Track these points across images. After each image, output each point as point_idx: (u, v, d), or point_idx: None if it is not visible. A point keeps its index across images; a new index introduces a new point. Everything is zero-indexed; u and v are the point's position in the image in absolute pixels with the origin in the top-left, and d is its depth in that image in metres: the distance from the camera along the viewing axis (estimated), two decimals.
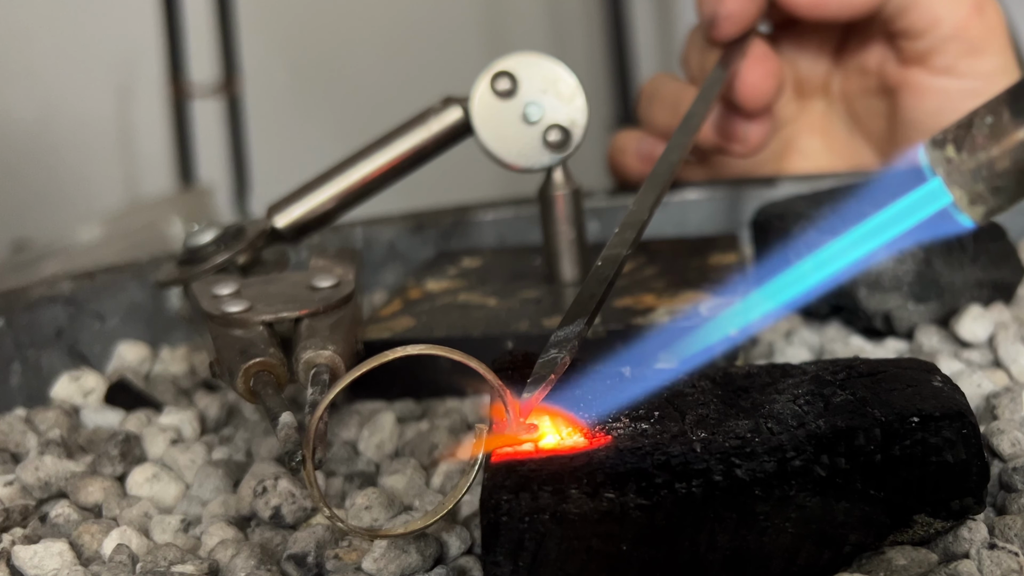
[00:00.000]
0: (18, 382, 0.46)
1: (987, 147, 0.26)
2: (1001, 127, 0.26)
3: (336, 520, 0.29)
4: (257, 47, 1.43)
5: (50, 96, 1.32)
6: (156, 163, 1.39)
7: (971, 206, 0.26)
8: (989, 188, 0.26)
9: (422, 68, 1.68)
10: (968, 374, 0.38)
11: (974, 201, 0.26)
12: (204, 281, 0.40)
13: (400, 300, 0.47)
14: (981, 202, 0.26)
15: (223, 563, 0.31)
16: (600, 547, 0.26)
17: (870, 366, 0.31)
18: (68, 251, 0.96)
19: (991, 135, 0.26)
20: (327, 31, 1.64)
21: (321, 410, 0.29)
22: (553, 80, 0.43)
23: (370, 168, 0.44)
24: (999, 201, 0.26)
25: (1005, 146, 0.26)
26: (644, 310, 0.42)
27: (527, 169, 0.44)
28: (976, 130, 0.26)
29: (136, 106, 1.42)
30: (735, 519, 0.27)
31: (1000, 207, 0.26)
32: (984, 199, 0.26)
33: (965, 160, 0.26)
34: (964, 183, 0.26)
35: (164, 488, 0.37)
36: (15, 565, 0.32)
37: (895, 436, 0.28)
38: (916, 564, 0.28)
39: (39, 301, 0.48)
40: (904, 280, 0.43)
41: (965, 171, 0.26)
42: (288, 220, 0.45)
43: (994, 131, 0.26)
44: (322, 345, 0.35)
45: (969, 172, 0.26)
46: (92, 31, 1.36)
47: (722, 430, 0.29)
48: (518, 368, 0.32)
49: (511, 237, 0.58)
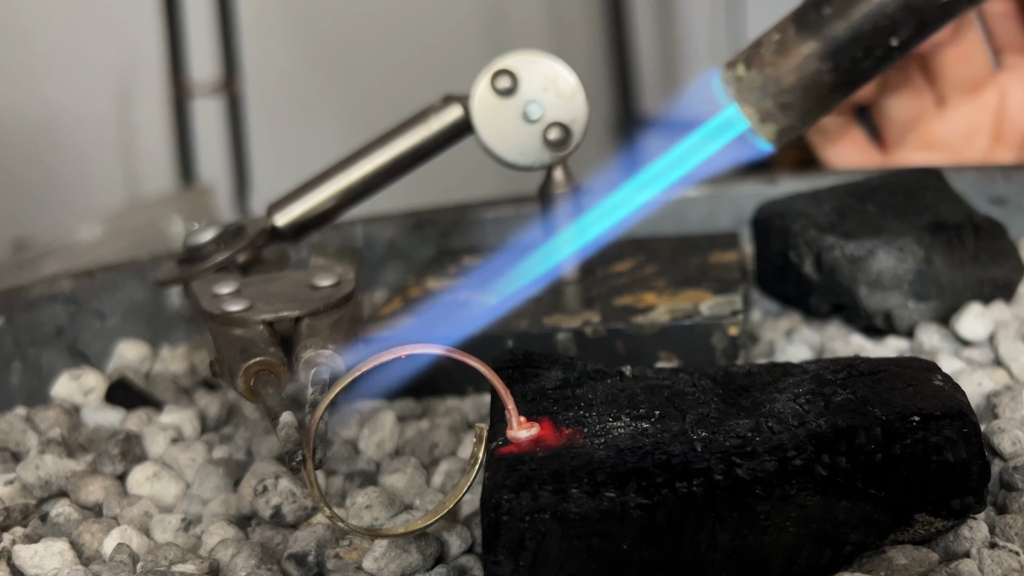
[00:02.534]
0: (18, 381, 0.46)
1: (774, 63, 0.26)
2: (787, 43, 0.26)
3: (336, 520, 0.29)
4: (258, 46, 1.43)
5: (50, 96, 1.32)
6: (156, 162, 1.39)
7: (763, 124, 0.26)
8: (777, 104, 0.26)
9: (422, 67, 1.68)
10: (969, 373, 0.38)
11: (765, 119, 0.26)
12: (204, 280, 0.40)
13: (400, 298, 0.47)
14: (772, 120, 0.27)
15: (224, 562, 0.31)
16: (601, 546, 0.26)
17: (871, 365, 0.31)
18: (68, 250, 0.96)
19: (778, 51, 0.26)
20: (328, 30, 1.64)
21: (321, 410, 0.29)
22: (553, 78, 0.43)
23: (370, 166, 0.44)
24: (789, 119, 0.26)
25: (791, 61, 0.26)
26: (644, 308, 0.42)
27: (527, 167, 0.44)
28: (764, 48, 0.26)
29: (136, 105, 1.41)
30: (736, 518, 0.27)
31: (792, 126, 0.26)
32: (774, 116, 0.26)
33: (754, 77, 0.26)
34: (753, 100, 0.27)
35: (164, 487, 0.37)
36: (15, 564, 0.32)
37: (896, 435, 0.28)
38: (917, 563, 0.28)
39: (39, 300, 0.48)
40: (905, 279, 0.43)
41: (754, 88, 0.26)
42: (288, 219, 0.44)
43: (780, 47, 0.26)
44: (322, 344, 0.35)
45: (758, 89, 0.26)
46: (92, 31, 1.36)
47: (723, 429, 0.29)
48: (518, 367, 0.32)
49: (511, 236, 0.58)
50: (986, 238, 0.44)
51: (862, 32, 0.25)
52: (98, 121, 1.38)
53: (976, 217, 0.45)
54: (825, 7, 0.26)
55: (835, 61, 0.26)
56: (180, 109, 1.29)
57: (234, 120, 1.33)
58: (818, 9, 0.26)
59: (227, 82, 1.30)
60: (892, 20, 0.25)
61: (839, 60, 0.26)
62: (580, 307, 0.43)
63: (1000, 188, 0.54)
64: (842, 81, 0.26)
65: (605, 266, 0.48)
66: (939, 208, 0.45)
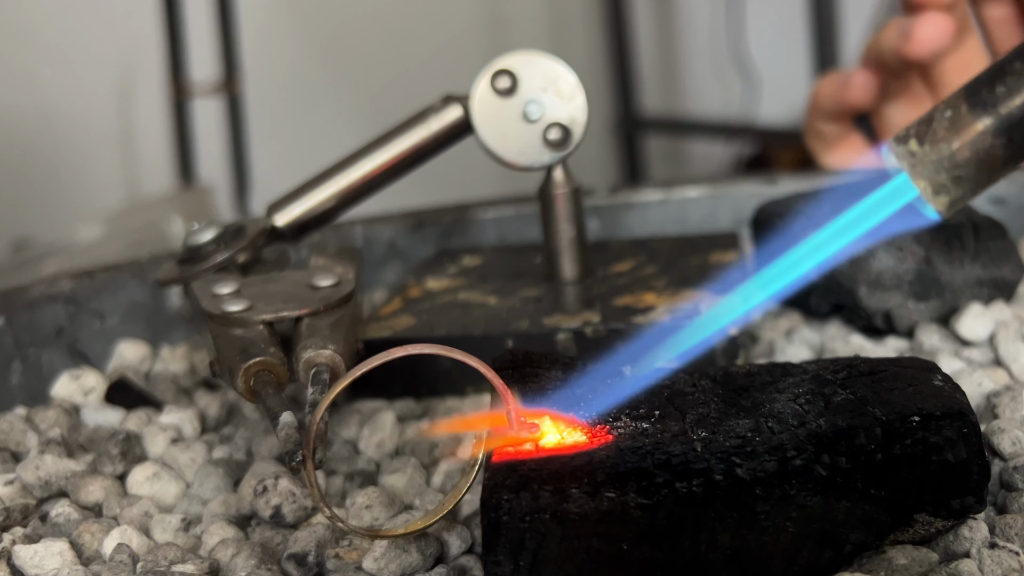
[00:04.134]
0: (18, 381, 0.46)
1: (948, 139, 0.27)
2: (960, 120, 0.27)
3: (336, 520, 0.29)
4: (258, 46, 1.43)
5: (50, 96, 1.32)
6: (156, 162, 1.39)
7: (935, 196, 0.27)
8: (951, 178, 0.27)
9: (422, 67, 1.68)
10: (969, 373, 0.38)
11: (938, 191, 0.27)
12: (204, 280, 0.40)
13: (400, 299, 0.47)
14: (944, 192, 0.27)
15: (223, 562, 0.31)
16: (601, 546, 0.26)
17: (871, 365, 0.31)
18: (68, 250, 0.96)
19: (951, 128, 0.27)
20: (328, 31, 1.64)
21: (321, 410, 0.29)
22: (553, 78, 0.43)
23: (370, 167, 0.44)
24: (961, 191, 0.27)
25: (964, 137, 0.27)
26: (644, 308, 0.42)
27: (527, 167, 0.44)
28: (937, 124, 0.27)
29: (136, 105, 1.42)
30: (736, 518, 0.27)
31: (963, 196, 0.28)
32: (947, 189, 0.27)
33: (928, 153, 0.27)
34: (928, 175, 0.27)
35: (164, 487, 0.37)
36: (15, 564, 0.32)
37: (896, 435, 0.28)
38: (917, 563, 0.28)
39: (39, 300, 0.48)
40: (905, 279, 0.43)
41: (928, 163, 0.27)
42: (288, 219, 0.44)
43: (953, 124, 0.27)
44: (322, 344, 0.35)
45: (932, 164, 0.27)
46: (92, 31, 1.36)
47: (723, 429, 0.29)
48: (518, 367, 0.32)
49: (511, 235, 0.58)
50: (986, 238, 0.44)
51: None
52: (98, 121, 1.38)
53: (976, 217, 0.45)
54: (998, 86, 0.27)
55: (1009, 136, 0.27)
56: (180, 109, 1.29)
57: (234, 120, 1.33)
58: (991, 87, 0.27)
59: (227, 82, 1.30)
60: None
61: (1013, 135, 0.27)
62: (580, 307, 0.43)
63: (1000, 188, 0.54)
64: (1014, 155, 0.27)
65: (605, 266, 0.48)
66: None
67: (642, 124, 1.98)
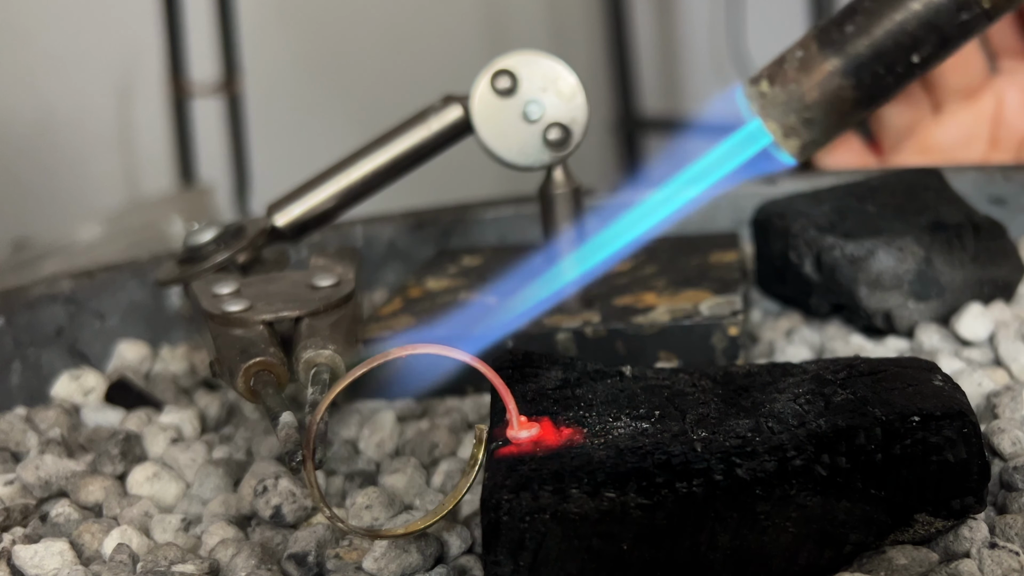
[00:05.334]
0: (18, 381, 0.46)
1: (797, 79, 0.27)
2: (810, 60, 0.27)
3: (336, 520, 0.29)
4: (258, 46, 1.43)
5: (50, 96, 1.32)
6: (156, 162, 1.39)
7: (786, 139, 0.27)
8: (801, 120, 0.27)
9: (422, 67, 1.68)
10: (969, 373, 0.38)
11: (788, 134, 0.27)
12: (204, 280, 0.40)
13: (400, 299, 0.47)
14: (795, 135, 0.27)
15: (224, 562, 0.31)
16: (601, 547, 0.26)
17: (871, 365, 0.31)
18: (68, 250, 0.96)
19: (801, 68, 0.27)
20: (328, 30, 1.64)
21: (321, 410, 0.29)
22: (553, 78, 0.43)
23: (370, 167, 0.44)
24: (812, 134, 0.27)
25: (814, 78, 0.27)
26: (644, 308, 0.42)
27: (527, 167, 0.44)
28: (788, 64, 0.27)
29: (136, 105, 1.41)
30: (736, 519, 0.27)
31: (814, 141, 0.27)
32: (797, 131, 0.27)
33: (778, 93, 0.27)
34: (777, 116, 0.27)
35: (164, 487, 0.37)
36: (15, 564, 0.32)
37: (896, 435, 0.28)
38: (917, 563, 0.28)
39: (39, 300, 0.48)
40: (904, 278, 0.43)
41: (778, 104, 0.27)
42: (288, 219, 0.44)
43: (803, 64, 0.27)
44: (322, 344, 0.35)
45: (782, 104, 0.27)
46: (92, 31, 1.36)
47: (723, 429, 0.29)
48: (518, 367, 0.32)
49: (511, 236, 0.58)
50: (986, 238, 0.44)
51: (884, 49, 0.26)
52: (98, 121, 1.38)
53: (976, 217, 0.45)
54: (847, 25, 0.26)
55: (857, 78, 0.26)
56: (180, 109, 1.29)
57: (234, 120, 1.33)
58: (840, 27, 0.26)
59: (227, 82, 1.30)
60: (913, 38, 0.26)
61: (861, 77, 0.26)
62: (580, 307, 0.43)
63: (1000, 188, 0.54)
64: (864, 97, 0.27)
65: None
66: (939, 208, 0.45)
67: (642, 124, 1.98)
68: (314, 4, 1.62)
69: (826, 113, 0.27)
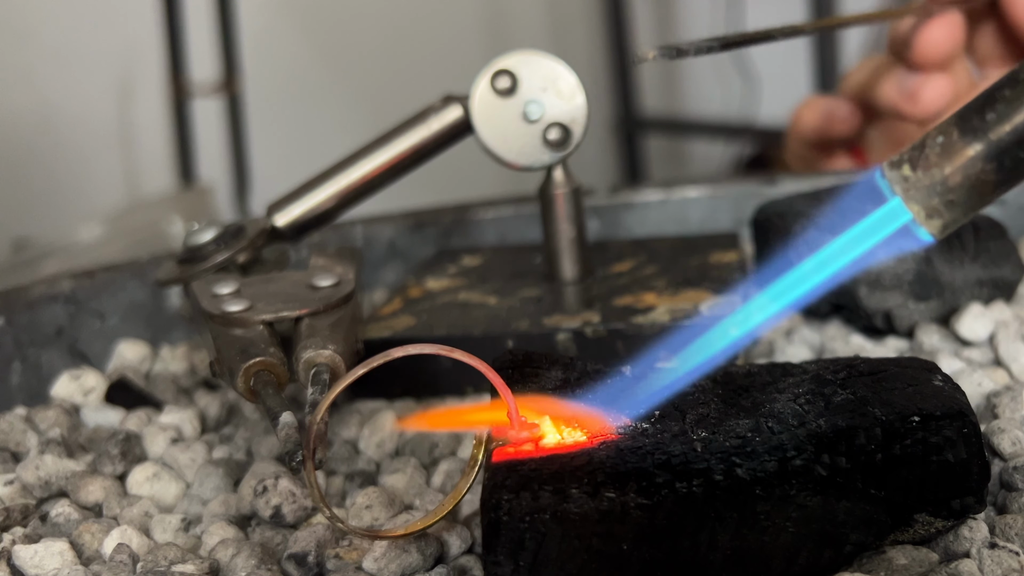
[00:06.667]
0: (18, 381, 0.46)
1: (940, 164, 0.28)
2: (951, 146, 0.28)
3: (336, 521, 0.29)
4: (258, 46, 1.43)
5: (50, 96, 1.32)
6: (156, 162, 1.39)
7: (928, 220, 0.29)
8: (944, 202, 0.28)
9: (422, 67, 1.68)
10: (969, 373, 0.38)
11: (931, 215, 0.29)
12: (204, 280, 0.40)
13: (400, 299, 0.47)
14: (938, 215, 0.29)
15: (224, 562, 0.31)
16: (601, 547, 0.26)
17: (871, 365, 0.31)
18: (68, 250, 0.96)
19: (943, 153, 0.28)
20: (328, 30, 1.64)
21: (322, 410, 0.29)
22: (553, 78, 0.43)
23: (370, 167, 0.44)
24: (954, 214, 0.29)
25: (956, 163, 0.28)
26: (645, 309, 0.42)
27: (527, 167, 0.44)
28: (929, 150, 0.28)
29: (136, 105, 1.41)
30: (736, 518, 0.27)
31: (955, 220, 0.29)
32: (940, 212, 0.29)
33: (921, 178, 0.28)
34: (921, 199, 0.29)
35: (164, 487, 0.37)
36: (15, 564, 0.32)
37: (896, 435, 0.28)
38: (917, 563, 0.28)
39: (39, 300, 0.48)
40: (904, 279, 0.43)
41: (921, 188, 0.28)
42: (288, 219, 0.44)
43: (945, 150, 0.28)
44: (322, 344, 0.35)
45: (925, 188, 0.28)
46: (92, 31, 1.36)
47: (723, 429, 0.29)
48: (518, 367, 0.32)
49: (511, 235, 0.58)
50: (986, 238, 0.44)
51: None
52: (98, 121, 1.38)
53: (976, 217, 0.45)
54: (988, 112, 0.28)
55: (999, 161, 0.28)
56: (180, 109, 1.29)
57: (234, 120, 1.33)
58: (982, 114, 0.28)
59: (227, 82, 1.30)
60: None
61: (1003, 160, 0.28)
62: (580, 307, 0.43)
63: None
64: (1005, 179, 0.29)
65: (605, 266, 0.48)
66: None
67: (642, 124, 1.98)
68: (314, 4, 1.62)
69: (968, 195, 0.29)
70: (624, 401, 0.30)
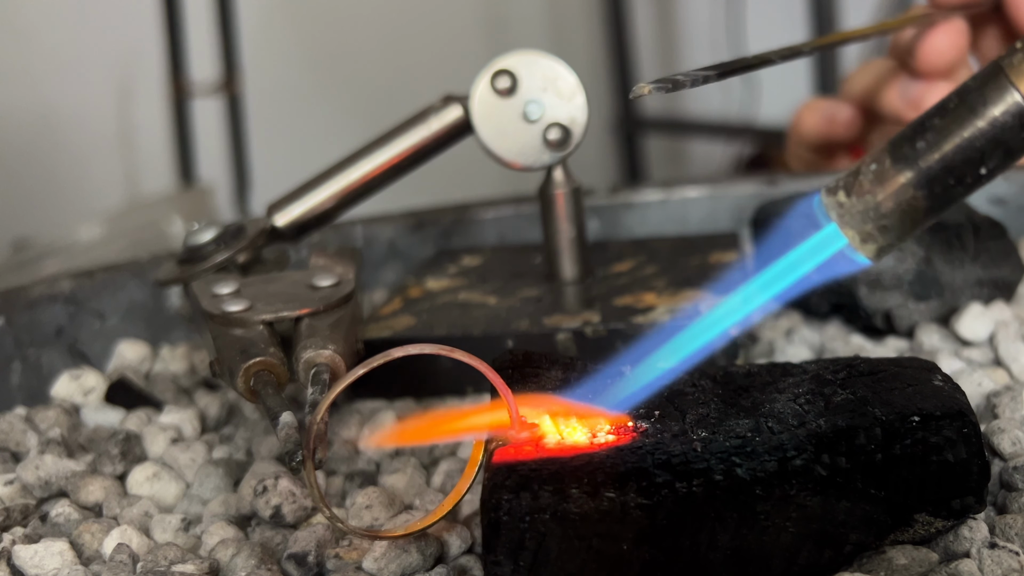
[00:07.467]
0: (18, 381, 0.46)
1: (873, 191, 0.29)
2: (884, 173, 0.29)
3: (336, 521, 0.29)
4: (258, 46, 1.43)
5: (50, 96, 1.32)
6: (156, 162, 1.39)
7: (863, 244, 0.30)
8: (877, 227, 0.29)
9: (422, 67, 1.68)
10: (969, 373, 0.38)
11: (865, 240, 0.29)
12: (204, 280, 0.40)
13: (400, 299, 0.47)
14: (872, 240, 0.29)
15: (223, 562, 0.31)
16: (601, 546, 0.26)
17: (871, 365, 0.31)
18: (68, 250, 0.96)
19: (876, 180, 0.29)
20: (328, 31, 1.64)
21: (322, 410, 0.29)
22: (553, 78, 0.43)
23: (370, 167, 0.44)
24: (888, 239, 0.29)
25: (888, 190, 0.29)
26: (644, 308, 0.42)
27: (527, 167, 0.44)
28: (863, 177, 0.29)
29: (136, 105, 1.42)
30: (736, 518, 0.27)
31: (890, 244, 0.30)
32: (874, 237, 0.29)
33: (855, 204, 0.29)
34: (855, 224, 0.29)
35: (164, 487, 0.37)
36: (15, 564, 0.32)
37: (896, 435, 0.28)
38: (917, 563, 0.28)
39: (39, 300, 0.48)
40: (904, 279, 0.43)
41: (855, 214, 0.29)
42: (288, 219, 0.44)
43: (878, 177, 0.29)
44: (322, 344, 0.35)
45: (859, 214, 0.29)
46: (92, 31, 1.36)
47: (723, 429, 0.29)
48: (518, 367, 0.32)
49: (511, 235, 0.58)
50: (986, 238, 0.44)
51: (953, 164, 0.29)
52: (98, 121, 1.38)
53: (976, 217, 0.45)
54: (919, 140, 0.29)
55: (929, 189, 0.29)
56: (180, 109, 1.29)
57: (234, 120, 1.33)
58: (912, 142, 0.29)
59: (227, 82, 1.30)
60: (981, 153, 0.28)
61: (933, 188, 0.29)
62: (580, 307, 0.43)
63: (1000, 188, 0.54)
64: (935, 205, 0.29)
65: (605, 266, 0.48)
66: None
67: (642, 124, 1.98)
68: (314, 4, 1.62)
69: (901, 221, 0.29)
70: (602, 399, 0.30)
